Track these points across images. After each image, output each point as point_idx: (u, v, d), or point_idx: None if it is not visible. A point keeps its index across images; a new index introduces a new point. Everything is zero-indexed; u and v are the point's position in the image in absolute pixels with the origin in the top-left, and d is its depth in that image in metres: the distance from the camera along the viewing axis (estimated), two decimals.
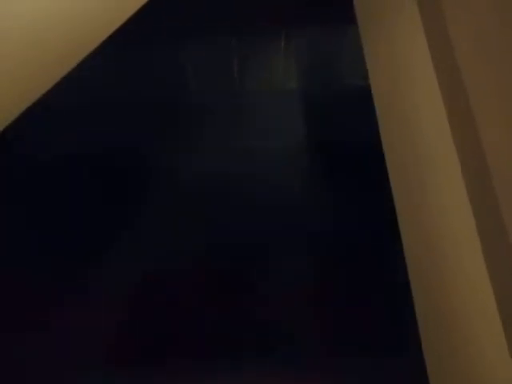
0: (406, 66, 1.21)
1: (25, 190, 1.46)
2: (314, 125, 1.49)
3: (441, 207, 1.16)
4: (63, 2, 0.93)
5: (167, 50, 1.49)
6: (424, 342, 1.13)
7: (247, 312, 1.39)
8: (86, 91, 1.46)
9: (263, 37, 1.52)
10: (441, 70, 1.16)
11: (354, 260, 1.41)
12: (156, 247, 1.44)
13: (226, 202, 1.43)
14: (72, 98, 1.42)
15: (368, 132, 1.26)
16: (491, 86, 1.06)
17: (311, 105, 1.50)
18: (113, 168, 1.48)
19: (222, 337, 1.36)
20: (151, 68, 1.51)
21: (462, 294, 1.09)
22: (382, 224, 1.31)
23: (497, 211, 1.03)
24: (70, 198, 1.44)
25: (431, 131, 1.19)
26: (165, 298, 1.41)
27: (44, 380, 1.27)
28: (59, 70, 0.95)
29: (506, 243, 1.00)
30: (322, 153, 1.47)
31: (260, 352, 1.34)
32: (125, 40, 1.26)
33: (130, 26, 1.15)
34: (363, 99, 1.26)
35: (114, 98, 1.47)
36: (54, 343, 1.32)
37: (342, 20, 1.45)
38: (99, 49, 1.08)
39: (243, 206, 1.43)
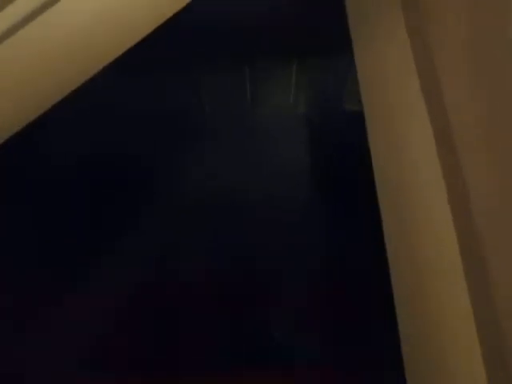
0: (397, 92, 1.28)
1: (31, 191, 1.57)
2: (317, 147, 1.57)
3: (428, 230, 1.22)
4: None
5: (182, 74, 1.60)
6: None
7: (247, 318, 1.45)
8: (98, 108, 1.57)
9: (276, 64, 1.63)
10: (429, 95, 1.23)
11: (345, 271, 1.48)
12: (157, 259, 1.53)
13: (230, 216, 1.52)
14: (85, 112, 1.54)
15: (363, 154, 1.33)
16: (473, 106, 1.11)
17: (317, 129, 1.59)
18: (119, 178, 1.58)
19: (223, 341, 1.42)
20: (165, 92, 1.62)
21: (441, 306, 1.14)
22: (369, 242, 1.36)
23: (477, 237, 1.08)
24: (73, 200, 1.54)
25: (419, 154, 1.25)
26: (166, 303, 1.49)
27: (42, 377, 1.35)
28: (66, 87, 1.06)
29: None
30: (323, 174, 1.56)
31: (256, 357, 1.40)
32: (139, 64, 1.39)
33: (147, 50, 1.27)
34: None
35: (125, 121, 1.58)
36: (51, 342, 1.40)
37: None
38: (115, 70, 1.19)
39: (246, 222, 1.51)
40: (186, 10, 1.15)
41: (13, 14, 0.84)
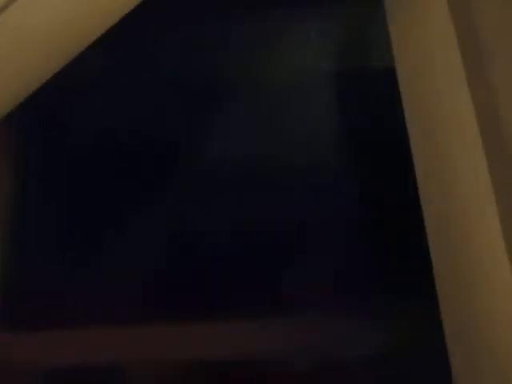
0: (433, 52, 1.18)
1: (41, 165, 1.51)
2: (343, 107, 1.47)
3: (464, 196, 1.15)
4: None
5: (186, 28, 1.47)
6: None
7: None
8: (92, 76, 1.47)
9: (296, 14, 1.50)
10: (466, 57, 1.13)
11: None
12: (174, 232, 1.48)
13: (248, 185, 1.45)
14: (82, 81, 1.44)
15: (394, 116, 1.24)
16: None
17: (342, 86, 1.49)
18: (131, 152, 1.50)
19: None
20: (167, 45, 1.50)
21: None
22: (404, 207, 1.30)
23: None
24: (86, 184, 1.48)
25: (454, 118, 1.17)
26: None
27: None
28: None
29: None
30: (349, 137, 1.47)
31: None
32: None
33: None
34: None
35: (130, 79, 1.48)
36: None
37: None
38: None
39: (266, 190, 1.44)
40: None
41: None
